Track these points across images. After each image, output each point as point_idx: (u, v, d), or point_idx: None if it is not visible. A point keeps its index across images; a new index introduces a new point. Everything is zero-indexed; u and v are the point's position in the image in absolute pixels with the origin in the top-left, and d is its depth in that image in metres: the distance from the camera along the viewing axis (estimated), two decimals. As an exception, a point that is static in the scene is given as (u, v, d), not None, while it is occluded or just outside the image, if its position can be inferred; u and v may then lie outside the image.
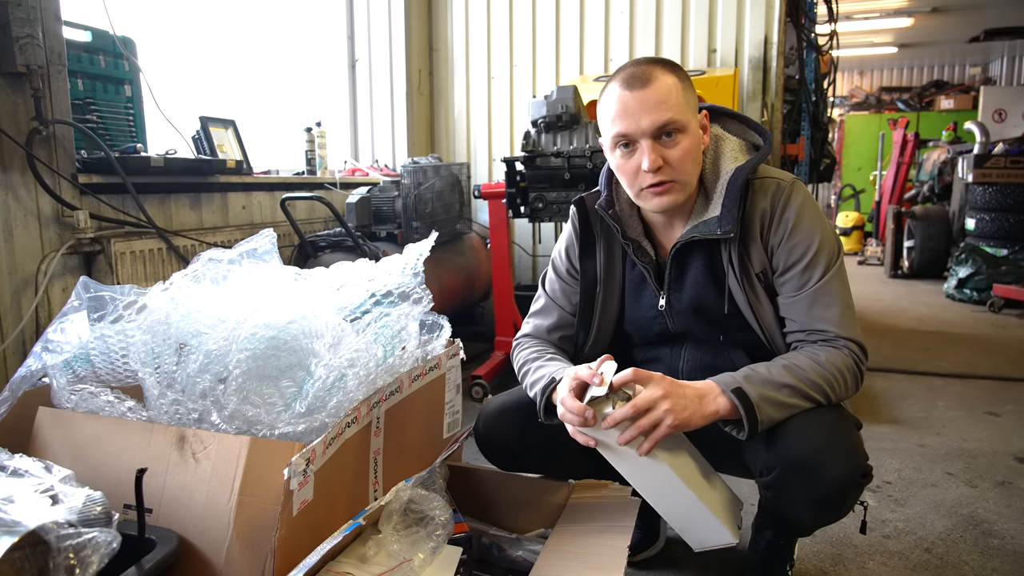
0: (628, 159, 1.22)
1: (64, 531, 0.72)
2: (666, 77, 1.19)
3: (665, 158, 1.19)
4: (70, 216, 2.05)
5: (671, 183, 1.21)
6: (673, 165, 1.20)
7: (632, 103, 1.18)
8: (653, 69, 1.20)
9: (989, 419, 2.71)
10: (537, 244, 4.13)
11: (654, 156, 1.18)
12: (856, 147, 10.19)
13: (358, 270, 1.53)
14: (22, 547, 0.67)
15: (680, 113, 1.19)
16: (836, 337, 1.21)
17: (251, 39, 3.37)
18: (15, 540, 0.66)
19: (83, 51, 2.29)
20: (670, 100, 1.18)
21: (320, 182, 3.30)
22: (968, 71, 11.08)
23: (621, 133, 1.21)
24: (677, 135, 1.19)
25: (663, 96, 1.17)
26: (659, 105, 1.17)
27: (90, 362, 1.22)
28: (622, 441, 1.12)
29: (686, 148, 1.20)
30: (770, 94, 3.72)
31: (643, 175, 1.21)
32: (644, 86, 1.18)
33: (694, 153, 1.22)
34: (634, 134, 1.19)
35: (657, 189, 1.22)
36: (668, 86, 1.19)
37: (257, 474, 1.10)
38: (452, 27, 4.26)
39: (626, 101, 1.19)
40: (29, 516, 0.70)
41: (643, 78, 1.18)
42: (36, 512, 0.72)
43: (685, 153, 1.20)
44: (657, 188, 1.21)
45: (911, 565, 1.66)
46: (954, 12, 7.97)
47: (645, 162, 1.18)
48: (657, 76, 1.19)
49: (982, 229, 5.42)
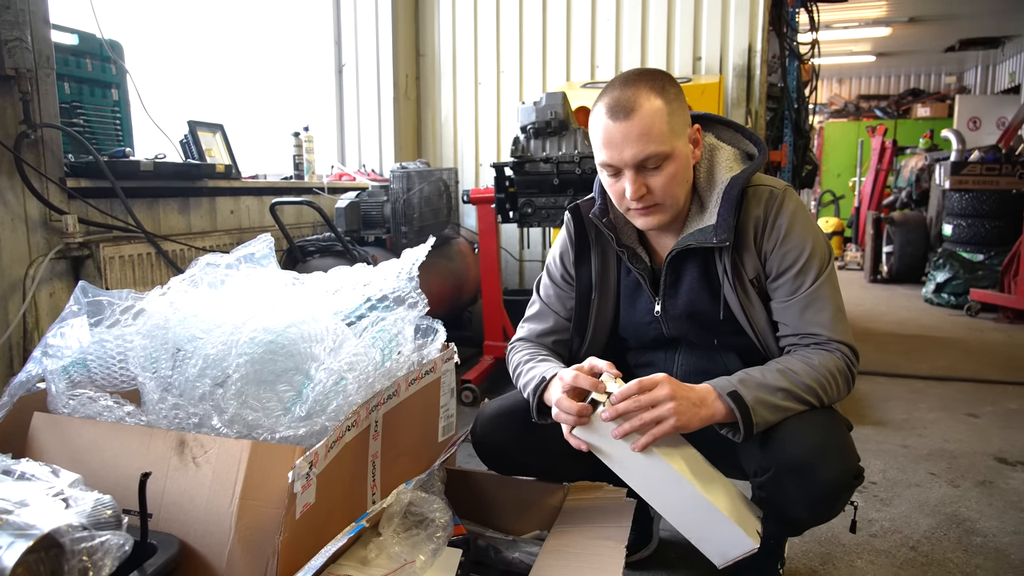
0: (615, 183, 1.26)
1: (78, 534, 0.72)
2: (651, 102, 1.19)
3: (648, 186, 1.22)
4: (58, 220, 2.03)
5: (655, 206, 1.24)
6: (656, 192, 1.23)
7: (615, 134, 1.20)
8: (639, 95, 1.19)
9: (969, 420, 2.77)
10: (524, 249, 4.15)
11: (636, 186, 1.21)
12: (835, 154, 10.34)
13: (354, 275, 1.54)
14: (37, 550, 0.67)
15: (663, 143, 1.19)
16: (828, 340, 1.23)
17: (238, 43, 3.37)
18: (30, 544, 0.66)
19: (69, 54, 2.27)
20: (653, 131, 1.18)
21: (308, 187, 3.29)
22: (944, 80, 11.31)
23: (605, 163, 1.24)
24: (662, 163, 1.21)
25: (645, 128, 1.18)
26: (641, 138, 1.18)
27: (86, 367, 1.22)
28: (618, 434, 1.13)
29: (670, 174, 1.22)
30: (754, 101, 3.78)
31: (627, 199, 1.24)
32: (627, 117, 1.18)
33: (679, 177, 1.24)
34: (617, 164, 1.22)
35: (642, 212, 1.25)
36: (652, 114, 1.18)
37: (258, 478, 1.10)
38: (439, 33, 4.28)
39: (610, 131, 1.21)
40: (43, 519, 0.70)
41: (627, 107, 1.18)
42: (50, 515, 0.72)
43: (669, 179, 1.22)
44: (642, 211, 1.25)
45: (898, 563, 1.69)
46: (931, 22, 8.14)
47: (628, 191, 1.22)
48: (641, 104, 1.18)
49: (959, 235, 5.53)
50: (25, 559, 0.66)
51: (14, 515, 0.69)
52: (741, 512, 1.22)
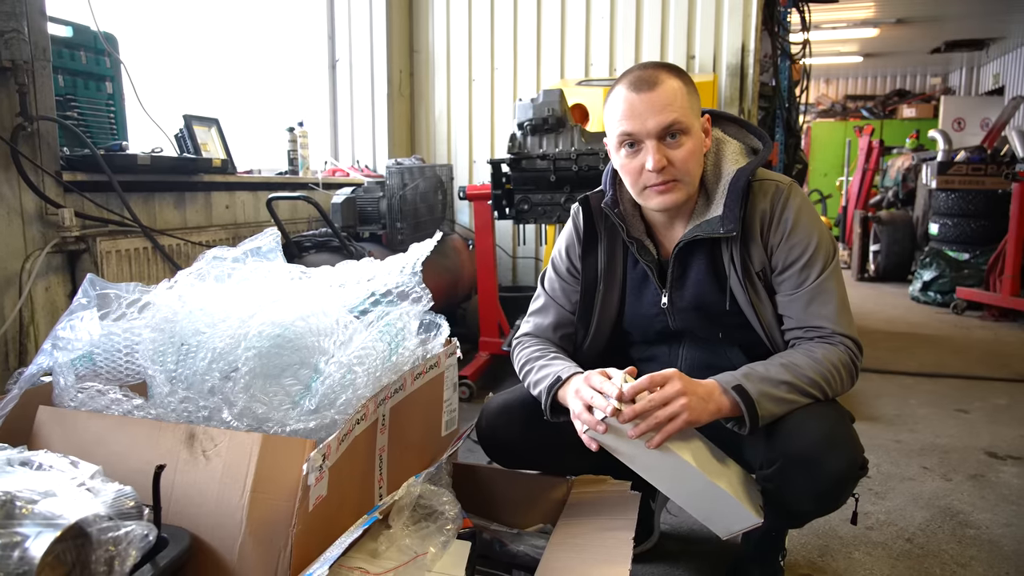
0: (633, 158, 1.26)
1: (104, 524, 0.72)
2: (672, 81, 1.23)
3: (669, 158, 1.23)
4: (55, 214, 2.01)
5: (674, 182, 1.25)
6: (676, 165, 1.24)
7: (639, 105, 1.22)
8: (659, 73, 1.24)
9: (959, 416, 2.81)
10: (519, 246, 4.16)
11: (658, 156, 1.22)
12: (823, 153, 10.43)
13: (358, 269, 1.54)
14: (64, 540, 0.67)
15: (684, 115, 1.23)
16: (832, 333, 1.25)
17: (232, 37, 3.34)
18: (58, 534, 0.66)
19: (64, 47, 2.24)
20: (675, 103, 1.22)
21: (303, 182, 3.28)
22: (929, 81, 11.44)
23: (627, 132, 1.24)
24: (681, 136, 1.23)
25: (668, 99, 1.21)
26: (665, 107, 1.21)
27: (92, 361, 1.21)
28: (636, 434, 1.15)
29: (689, 149, 1.24)
30: (747, 100, 3.81)
31: (647, 174, 1.24)
32: (651, 89, 1.22)
33: (697, 154, 1.26)
34: (639, 134, 1.23)
35: (660, 188, 1.25)
36: (674, 89, 1.23)
37: (270, 471, 1.10)
38: (433, 29, 4.27)
39: (632, 103, 1.23)
40: (69, 509, 0.70)
41: (650, 81, 1.22)
42: (77, 505, 0.72)
43: (688, 154, 1.24)
44: (660, 187, 1.25)
45: (894, 555, 1.72)
46: (917, 24, 8.23)
47: (650, 161, 1.22)
48: (663, 80, 1.23)
49: (945, 234, 5.61)
50: (53, 548, 0.66)
51: (40, 505, 0.69)
52: (746, 491, 1.26)
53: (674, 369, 1.18)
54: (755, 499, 1.27)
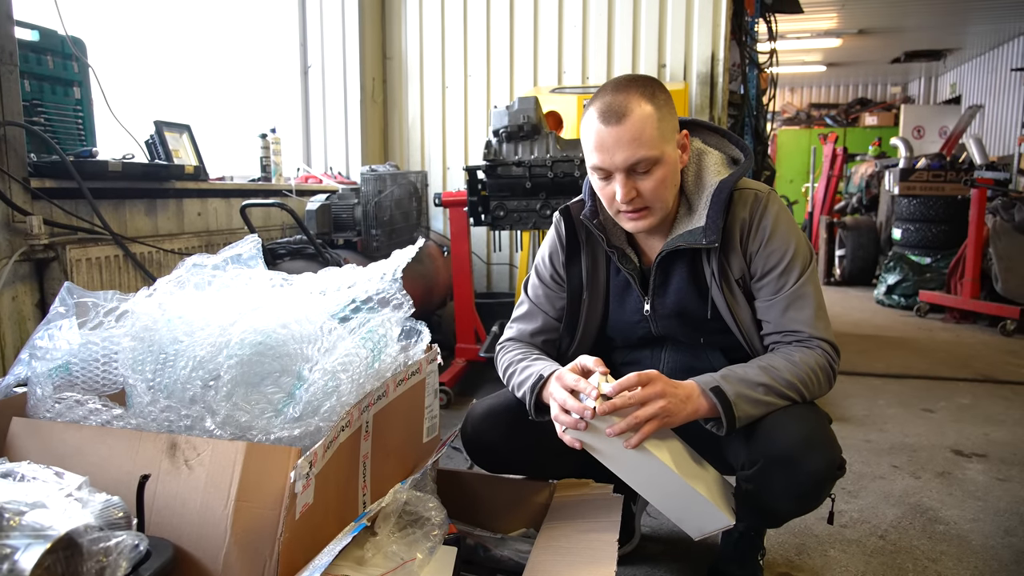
0: (605, 186, 1.29)
1: (95, 534, 0.70)
2: (642, 108, 1.22)
3: (638, 189, 1.25)
4: (22, 222, 1.96)
5: (645, 209, 1.27)
6: (645, 196, 1.26)
7: (607, 139, 1.22)
8: (630, 101, 1.22)
9: (925, 415, 2.89)
10: (494, 252, 4.16)
11: (626, 189, 1.24)
12: (788, 160, 10.64)
13: (340, 276, 1.53)
14: (55, 551, 0.66)
15: (653, 148, 1.22)
16: (810, 338, 1.28)
17: (203, 43, 3.30)
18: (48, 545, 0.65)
19: (29, 51, 2.19)
20: (644, 136, 1.21)
21: (276, 189, 3.25)
22: (890, 90, 11.77)
23: (596, 165, 1.26)
24: (651, 168, 1.24)
25: (636, 133, 1.21)
26: (632, 143, 1.21)
27: (68, 371, 1.19)
28: (613, 432, 1.16)
29: (659, 179, 1.25)
30: (717, 108, 3.87)
31: (617, 202, 1.27)
32: (619, 122, 1.21)
33: (669, 181, 1.27)
34: (608, 168, 1.25)
35: (632, 215, 1.28)
36: (643, 120, 1.21)
37: (254, 479, 1.08)
38: (406, 35, 4.27)
39: (602, 136, 1.23)
40: (59, 520, 0.68)
41: (619, 112, 1.21)
42: (66, 516, 0.70)
43: (658, 183, 1.25)
44: (632, 214, 1.28)
45: (868, 551, 1.76)
46: (878, 34, 8.46)
47: (618, 193, 1.25)
48: (632, 109, 1.21)
49: (908, 238, 5.76)
50: (43, 560, 0.64)
51: (28, 516, 0.67)
52: (721, 493, 1.29)
53: (655, 371, 1.20)
54: (728, 501, 1.30)
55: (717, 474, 1.33)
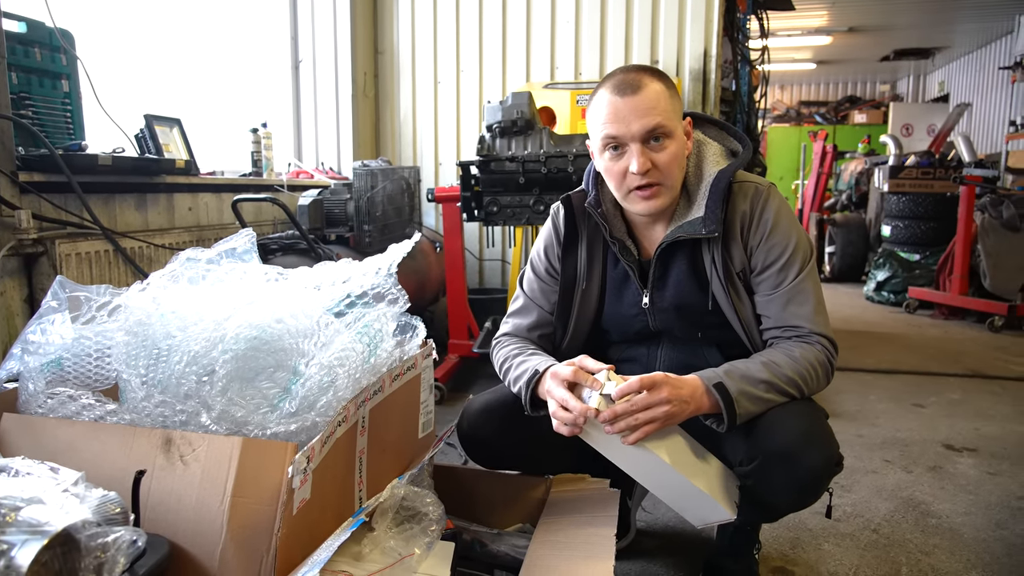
0: (617, 161, 1.27)
1: (92, 530, 0.69)
2: (655, 84, 1.25)
3: (653, 161, 1.24)
4: (10, 216, 1.94)
5: (658, 186, 1.26)
6: (660, 168, 1.25)
7: (623, 108, 1.23)
8: (643, 76, 1.25)
9: (916, 410, 2.91)
10: (487, 248, 4.15)
11: (643, 159, 1.23)
12: (778, 157, 10.67)
13: (335, 270, 1.52)
14: (52, 547, 0.64)
15: (668, 119, 1.24)
16: (809, 333, 1.28)
17: (193, 37, 3.27)
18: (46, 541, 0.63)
19: (16, 43, 2.16)
20: (659, 106, 1.23)
21: (267, 184, 3.23)
22: (879, 88, 11.83)
23: (611, 135, 1.25)
24: (664, 140, 1.25)
25: (652, 102, 1.23)
26: (649, 111, 1.22)
27: (60, 366, 1.17)
28: (613, 431, 1.16)
29: (673, 152, 1.25)
30: (709, 104, 3.88)
31: (631, 177, 1.26)
32: (635, 92, 1.23)
33: (680, 158, 1.28)
34: (624, 137, 1.24)
35: (645, 193, 1.27)
36: (657, 93, 1.24)
37: (251, 474, 1.07)
38: (398, 30, 4.25)
39: (617, 106, 1.24)
40: (56, 516, 0.67)
41: (634, 85, 1.24)
42: (64, 512, 0.69)
43: (672, 157, 1.25)
44: (645, 192, 1.27)
45: (862, 545, 1.77)
46: (868, 32, 8.50)
47: (634, 164, 1.23)
48: (647, 83, 1.24)
49: (897, 235, 5.80)
50: (40, 556, 0.63)
51: (24, 512, 0.66)
52: (721, 486, 1.28)
53: (662, 373, 1.18)
54: (731, 494, 1.29)
55: (720, 465, 1.32)
